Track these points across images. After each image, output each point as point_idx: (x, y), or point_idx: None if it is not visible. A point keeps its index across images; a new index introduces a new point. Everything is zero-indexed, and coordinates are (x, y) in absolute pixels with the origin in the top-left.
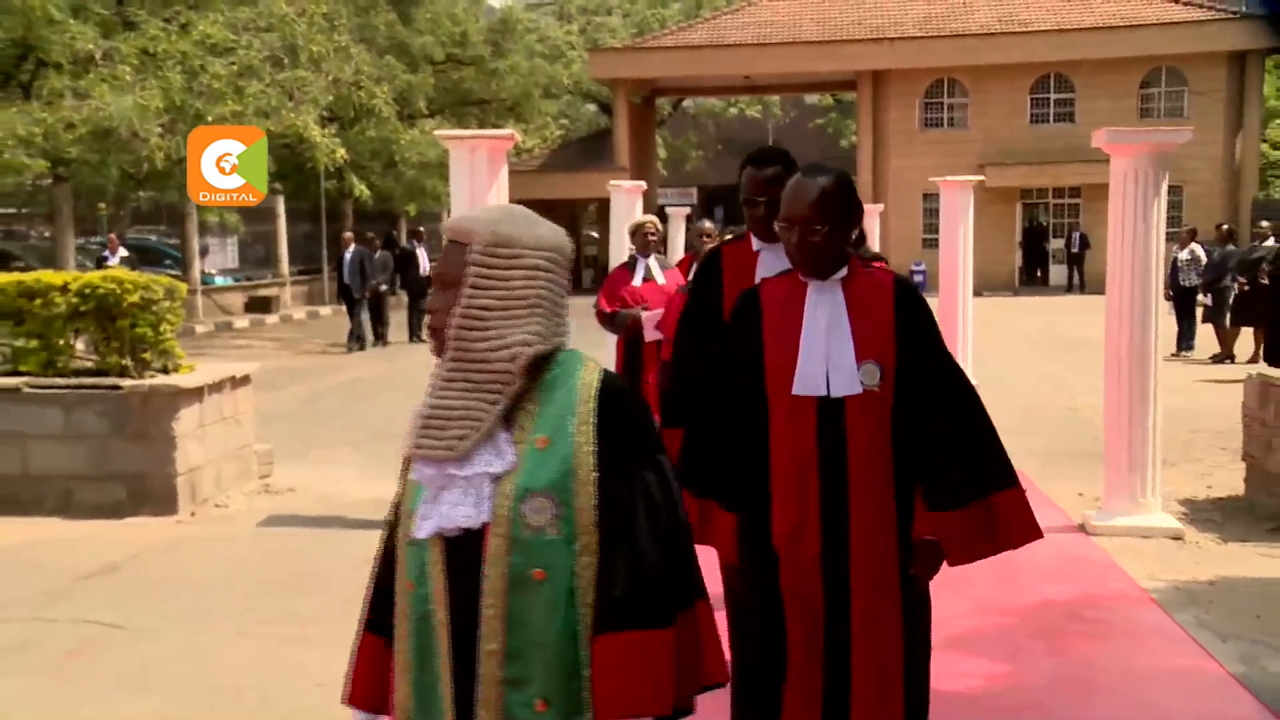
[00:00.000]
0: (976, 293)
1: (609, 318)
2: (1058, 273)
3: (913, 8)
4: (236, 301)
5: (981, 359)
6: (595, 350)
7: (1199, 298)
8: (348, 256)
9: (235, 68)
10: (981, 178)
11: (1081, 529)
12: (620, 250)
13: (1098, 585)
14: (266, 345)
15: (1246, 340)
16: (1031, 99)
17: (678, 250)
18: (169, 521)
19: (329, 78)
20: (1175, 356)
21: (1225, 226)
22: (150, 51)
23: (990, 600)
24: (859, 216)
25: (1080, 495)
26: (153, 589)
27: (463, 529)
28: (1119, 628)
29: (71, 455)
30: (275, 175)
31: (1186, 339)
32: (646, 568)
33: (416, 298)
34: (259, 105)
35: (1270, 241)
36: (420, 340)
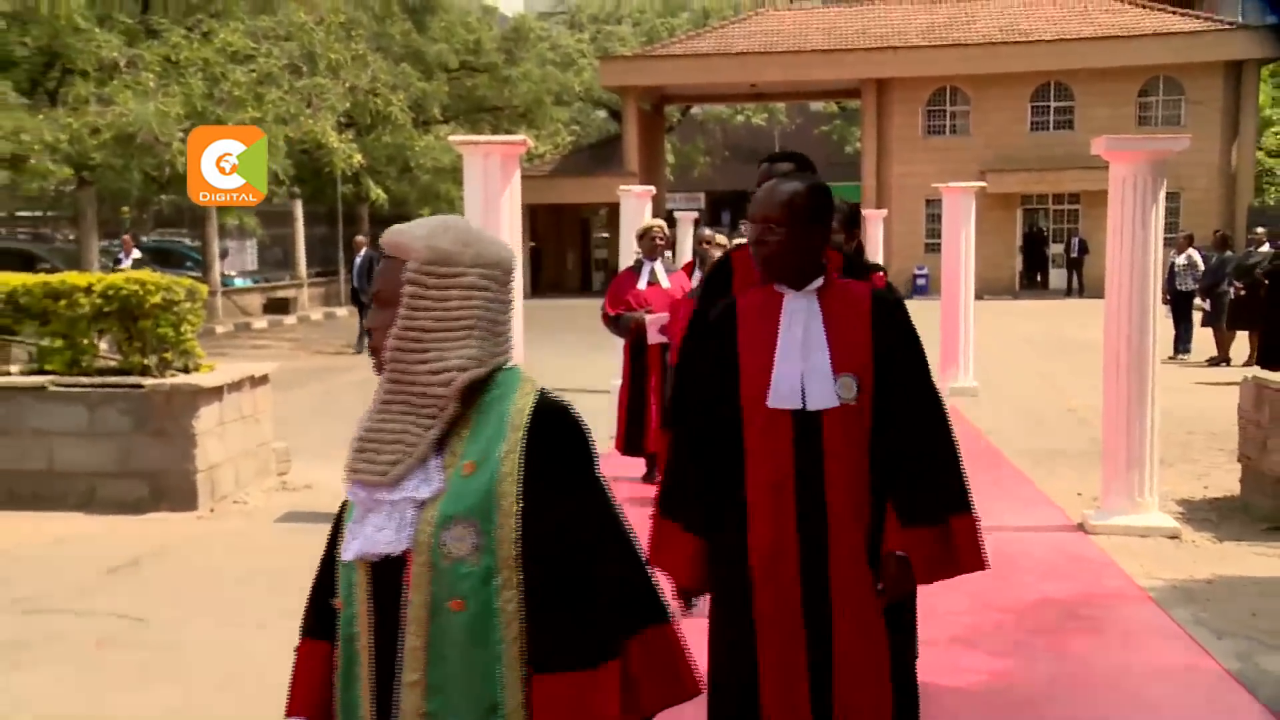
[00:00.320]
0: (978, 296)
1: (614, 320)
2: (1057, 277)
3: (916, 18)
4: (255, 303)
5: (982, 361)
6: (603, 353)
7: (1197, 302)
8: (358, 260)
9: (255, 75)
10: (983, 184)
11: (1080, 528)
12: (629, 252)
13: (1096, 583)
14: (284, 345)
15: (1242, 343)
16: (1032, 107)
17: (685, 254)
18: (189, 517)
19: (346, 85)
20: (1172, 359)
21: (1221, 232)
22: (173, 59)
23: (989, 598)
24: (854, 227)
25: (1079, 495)
26: (175, 583)
27: (385, 554)
28: (1117, 625)
29: (95, 452)
30: (293, 180)
31: (1183, 342)
32: (580, 605)
33: None
34: (278, 112)
35: (1265, 247)
36: None
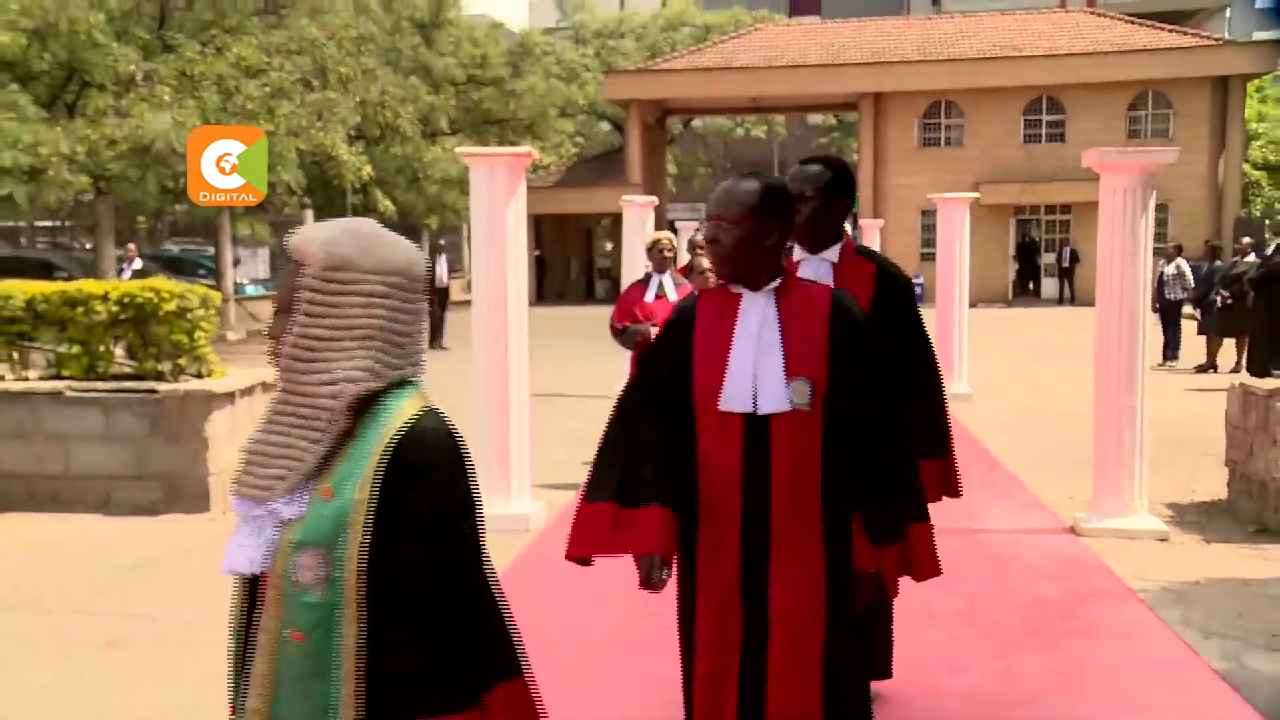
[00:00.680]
0: (972, 304)
1: (621, 333)
2: (1049, 286)
3: (911, 33)
4: (267, 310)
5: (976, 368)
6: (605, 360)
7: (1187, 310)
8: None
9: (268, 89)
10: (977, 195)
11: (1072, 531)
12: (632, 262)
13: (1087, 585)
14: None
15: (1228, 351)
16: (1024, 120)
17: (685, 261)
18: (202, 519)
19: (356, 99)
20: (1161, 366)
21: (1211, 243)
22: (188, 73)
23: (983, 598)
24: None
25: (1071, 498)
26: (187, 583)
27: (246, 574)
28: (1107, 625)
29: (111, 456)
30: (304, 190)
31: (1172, 349)
32: (426, 653)
33: (432, 305)
34: (290, 125)
35: (1251, 257)
36: (440, 347)
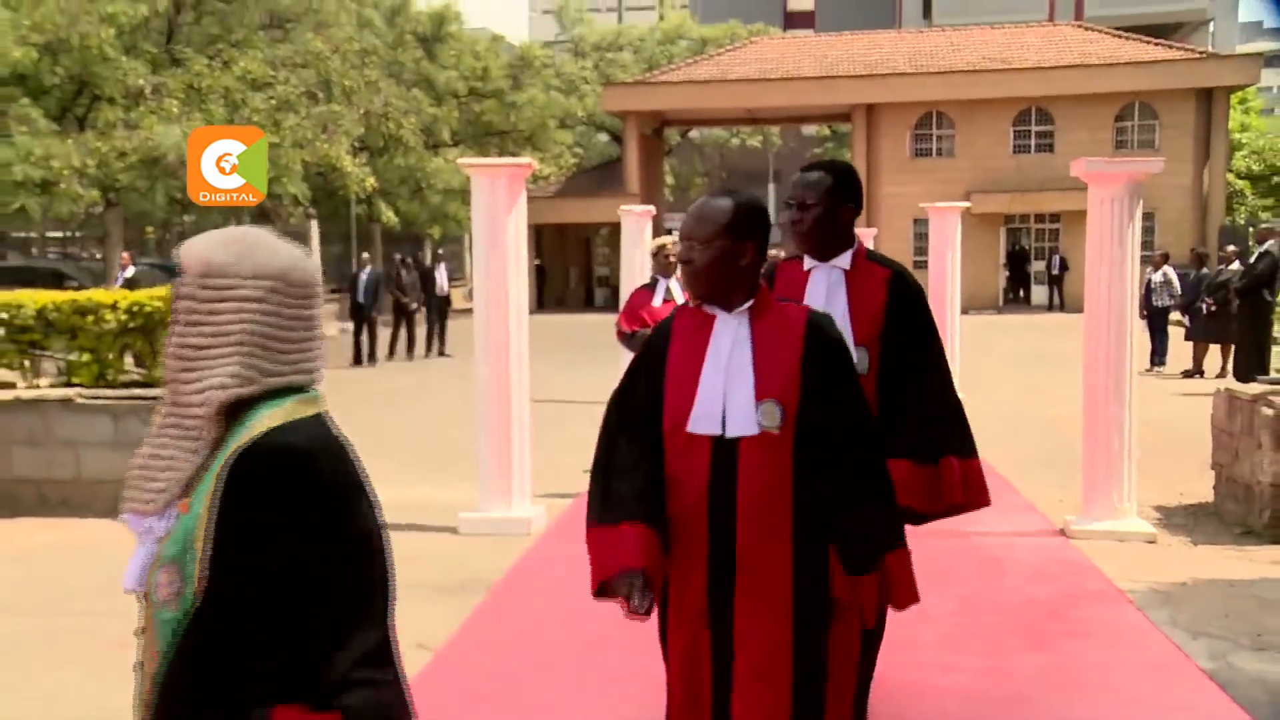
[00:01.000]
0: (963, 311)
1: (628, 337)
2: (1039, 293)
3: (903, 46)
4: None
5: (967, 373)
6: (606, 366)
7: (1175, 317)
8: (363, 277)
9: (274, 101)
10: (968, 204)
11: (1062, 533)
12: (630, 269)
13: (1077, 586)
14: None
15: (1213, 357)
16: (1014, 131)
17: None
18: None
19: (360, 111)
20: (1148, 372)
21: (1198, 250)
22: (195, 86)
23: (976, 600)
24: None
25: (1061, 501)
26: None
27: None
28: (1097, 626)
29: (120, 461)
30: (309, 201)
31: (1159, 355)
32: (265, 681)
33: (434, 314)
34: (296, 137)
35: (1235, 265)
36: (445, 354)
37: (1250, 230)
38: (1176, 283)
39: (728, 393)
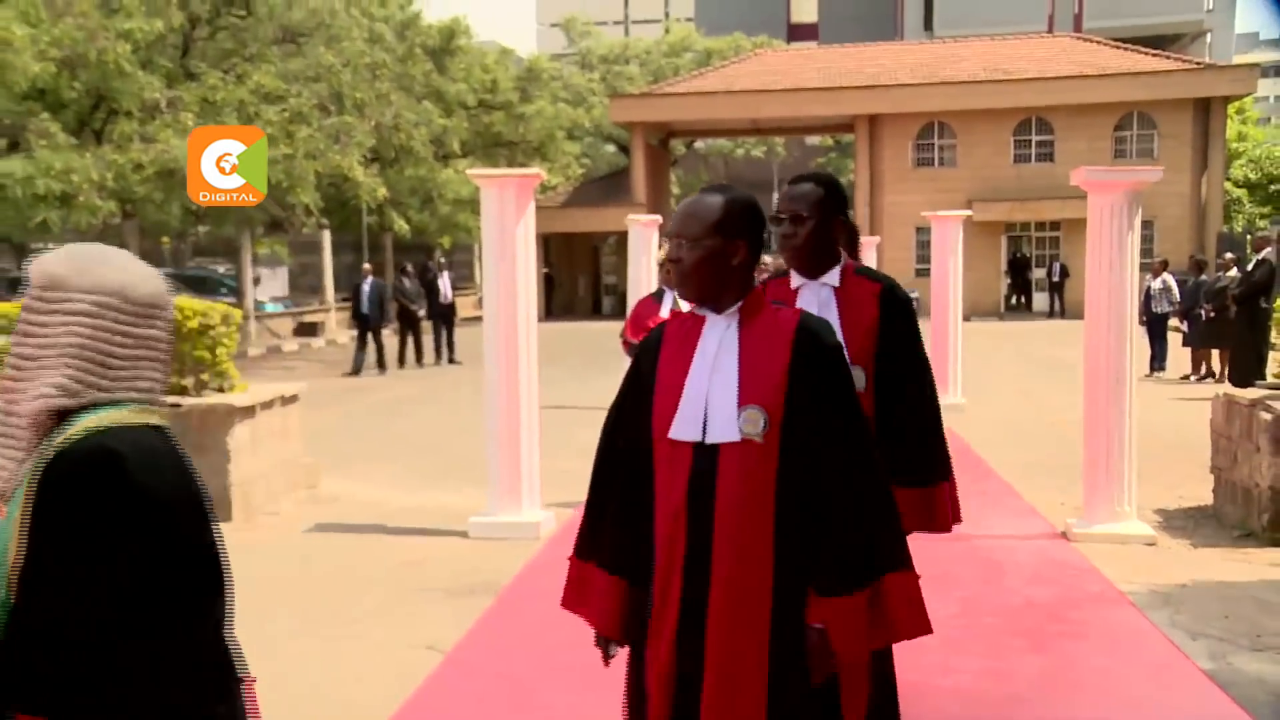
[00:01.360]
0: (965, 318)
1: (634, 348)
2: (1040, 300)
3: (905, 58)
4: (286, 327)
5: (970, 379)
6: (612, 373)
7: (1172, 322)
8: (366, 287)
9: (287, 114)
10: (969, 212)
11: (1063, 536)
12: (637, 277)
13: (1078, 588)
14: (313, 366)
15: (1212, 362)
16: (1015, 140)
17: None
18: (224, 528)
19: (371, 123)
20: (1148, 377)
21: (1197, 258)
22: (210, 99)
23: (978, 602)
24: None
25: (1062, 504)
26: None
27: None
28: (1097, 627)
29: None
30: (321, 211)
31: (1158, 361)
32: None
33: (439, 321)
34: (308, 148)
35: (1233, 272)
36: (454, 361)
37: (1248, 238)
38: (1175, 289)
39: (710, 397)
